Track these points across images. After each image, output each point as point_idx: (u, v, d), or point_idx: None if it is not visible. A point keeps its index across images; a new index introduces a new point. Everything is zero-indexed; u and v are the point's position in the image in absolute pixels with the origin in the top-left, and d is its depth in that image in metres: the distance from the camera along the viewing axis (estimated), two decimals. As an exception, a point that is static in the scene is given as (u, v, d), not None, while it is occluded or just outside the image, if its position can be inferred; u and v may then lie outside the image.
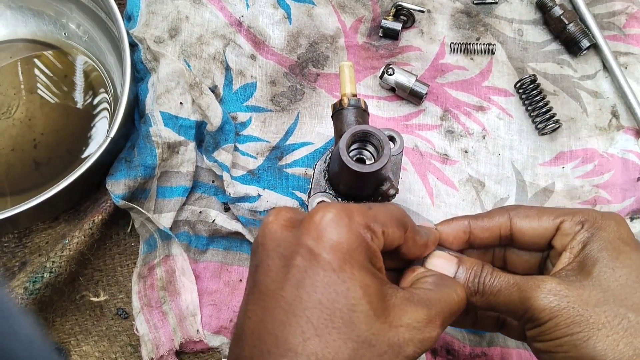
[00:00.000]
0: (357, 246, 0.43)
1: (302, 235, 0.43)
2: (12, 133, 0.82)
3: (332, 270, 0.42)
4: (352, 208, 0.45)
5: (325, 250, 0.42)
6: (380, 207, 0.47)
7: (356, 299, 0.41)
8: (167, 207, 0.77)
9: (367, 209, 0.46)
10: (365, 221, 0.44)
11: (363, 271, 0.43)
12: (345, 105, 0.66)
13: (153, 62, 0.80)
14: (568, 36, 0.86)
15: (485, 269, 0.50)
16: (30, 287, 0.69)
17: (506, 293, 0.49)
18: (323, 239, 0.42)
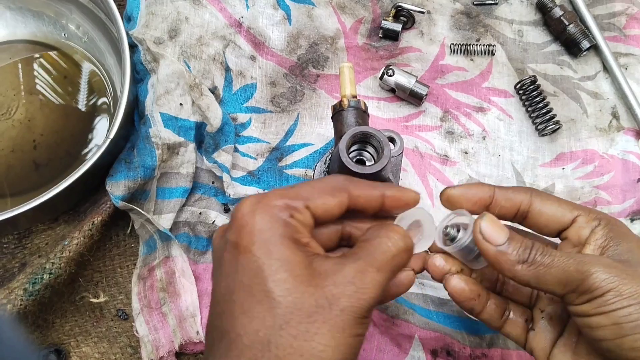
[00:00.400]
0: (272, 226, 0.45)
1: (228, 234, 0.47)
2: (11, 134, 0.81)
3: (250, 252, 0.44)
4: (269, 194, 0.47)
5: (244, 239, 0.45)
6: (304, 184, 0.49)
7: (273, 270, 0.43)
8: (167, 208, 0.77)
9: (286, 189, 0.48)
10: (282, 202, 0.46)
11: (281, 246, 0.44)
12: (345, 106, 0.66)
13: (153, 63, 0.80)
14: (568, 37, 0.86)
15: (536, 244, 0.50)
16: (29, 289, 0.69)
17: (561, 264, 0.48)
18: (242, 230, 0.45)
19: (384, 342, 0.72)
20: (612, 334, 0.46)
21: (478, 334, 0.73)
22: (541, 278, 0.49)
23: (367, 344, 0.72)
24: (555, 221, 0.54)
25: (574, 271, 0.47)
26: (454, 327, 0.73)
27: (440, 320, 0.74)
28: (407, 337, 0.72)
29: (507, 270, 0.49)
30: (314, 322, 0.42)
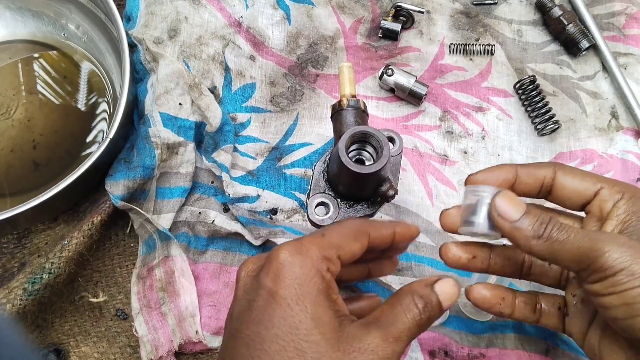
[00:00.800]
0: (310, 281, 0.47)
1: (262, 278, 0.47)
2: (11, 134, 0.81)
3: (288, 305, 0.46)
4: (306, 243, 0.48)
5: (282, 288, 0.46)
6: (333, 230, 0.51)
7: (308, 330, 0.45)
8: (167, 207, 0.77)
9: (320, 237, 0.50)
10: (319, 252, 0.48)
11: (317, 305, 0.46)
12: (345, 106, 0.66)
13: (152, 63, 0.80)
14: (567, 37, 0.86)
15: (553, 219, 0.50)
16: (29, 288, 0.69)
17: (575, 241, 0.48)
18: (279, 278, 0.46)
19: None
20: (624, 314, 0.46)
21: (476, 333, 0.73)
22: (556, 254, 0.49)
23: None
24: (579, 194, 0.54)
25: (588, 249, 0.47)
26: (452, 326, 0.73)
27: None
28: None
29: (522, 245, 0.50)
30: None
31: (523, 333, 0.72)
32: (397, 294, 0.51)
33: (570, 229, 0.49)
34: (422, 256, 0.77)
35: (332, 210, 0.64)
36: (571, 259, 0.48)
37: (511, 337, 0.72)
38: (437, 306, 0.50)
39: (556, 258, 0.49)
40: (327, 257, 0.48)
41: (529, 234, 0.50)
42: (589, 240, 0.48)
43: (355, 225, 0.52)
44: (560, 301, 0.57)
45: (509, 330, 0.73)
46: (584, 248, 0.47)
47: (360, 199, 0.65)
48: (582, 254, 0.47)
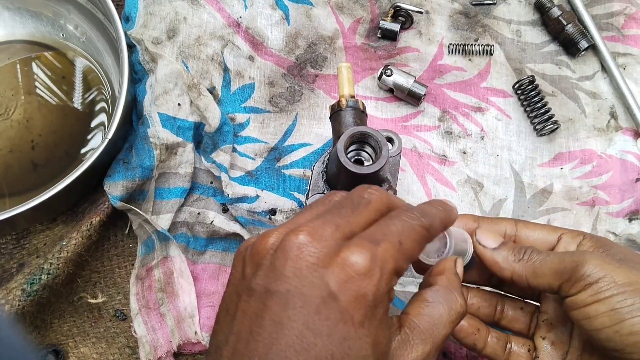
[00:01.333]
0: (381, 301, 0.42)
1: (330, 280, 0.40)
2: (10, 134, 0.81)
3: (352, 324, 0.40)
4: (385, 254, 0.42)
5: (350, 302, 0.40)
6: (407, 237, 0.44)
7: (366, 357, 0.40)
8: (165, 208, 0.77)
9: (398, 246, 0.43)
10: (394, 265, 0.42)
11: (379, 326, 0.42)
12: (344, 106, 0.66)
13: (151, 63, 0.80)
14: (566, 37, 0.86)
15: (530, 247, 0.53)
16: (28, 289, 0.69)
17: (555, 258, 0.50)
18: (350, 288, 0.40)
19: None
20: (610, 321, 0.46)
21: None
22: (538, 270, 0.51)
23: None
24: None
25: (569, 261, 0.49)
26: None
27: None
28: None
29: (505, 268, 0.52)
30: None
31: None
32: (434, 291, 0.48)
33: (546, 252, 0.52)
34: (421, 256, 0.77)
35: (331, 211, 0.64)
36: (553, 273, 0.50)
37: (510, 337, 0.72)
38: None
39: (537, 275, 0.51)
40: (399, 271, 0.43)
41: (510, 257, 0.52)
42: (569, 255, 0.50)
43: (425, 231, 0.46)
44: (529, 344, 0.57)
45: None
46: (565, 261, 0.49)
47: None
48: (563, 267, 0.49)
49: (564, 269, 0.49)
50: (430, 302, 0.47)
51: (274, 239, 0.43)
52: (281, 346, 0.39)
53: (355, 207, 0.45)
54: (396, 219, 0.45)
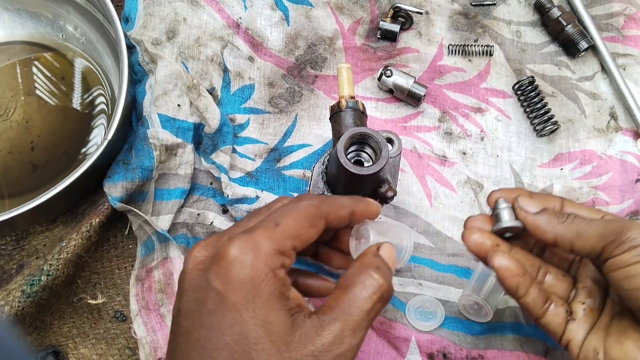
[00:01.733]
0: (261, 283, 0.44)
1: (211, 278, 0.45)
2: (9, 135, 0.81)
3: (237, 311, 0.44)
4: (258, 237, 0.46)
5: (231, 292, 0.44)
6: (287, 216, 0.48)
7: (257, 338, 0.43)
8: (165, 209, 0.77)
9: (274, 228, 0.46)
10: (273, 247, 0.46)
11: (267, 309, 0.44)
12: (343, 107, 0.66)
13: (150, 64, 0.79)
14: (566, 38, 0.86)
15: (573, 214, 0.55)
16: (27, 290, 0.69)
17: (600, 222, 0.53)
18: (229, 280, 0.44)
19: (381, 345, 0.72)
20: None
21: (475, 334, 0.73)
22: (582, 233, 0.52)
23: (365, 346, 0.72)
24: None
25: (615, 226, 0.51)
26: (451, 328, 0.73)
27: (439, 321, 0.74)
28: (404, 339, 0.72)
29: (547, 231, 0.54)
30: None
31: (522, 334, 0.72)
32: (348, 275, 0.48)
33: (590, 218, 0.54)
34: (421, 257, 0.77)
35: (331, 212, 0.64)
36: (597, 236, 0.52)
37: (510, 338, 0.72)
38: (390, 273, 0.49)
39: (581, 237, 0.52)
40: (282, 250, 0.46)
41: (553, 220, 0.54)
42: (614, 221, 0.52)
43: (312, 207, 0.49)
44: (568, 307, 0.58)
45: (507, 331, 0.73)
46: (610, 226, 0.51)
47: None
48: (608, 230, 0.51)
49: (610, 232, 0.51)
50: (341, 285, 0.48)
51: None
52: (183, 351, 0.45)
53: (257, 212, 0.51)
54: (281, 205, 0.50)
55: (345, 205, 0.52)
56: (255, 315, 0.44)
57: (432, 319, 0.73)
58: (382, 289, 0.47)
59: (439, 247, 0.78)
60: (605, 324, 0.55)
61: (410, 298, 0.74)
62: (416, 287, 0.75)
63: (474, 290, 0.71)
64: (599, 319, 0.56)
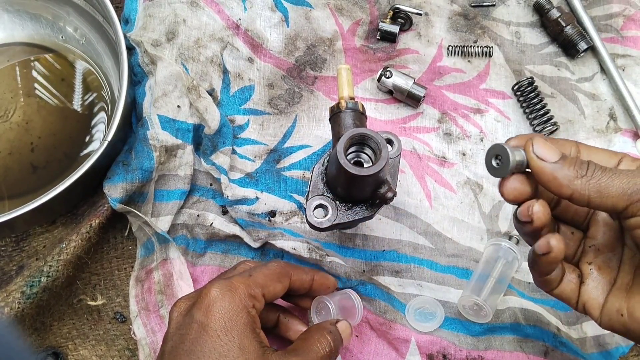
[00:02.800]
0: (238, 314, 0.54)
1: (195, 312, 0.55)
2: (9, 136, 0.81)
3: (217, 336, 0.53)
4: (235, 282, 0.56)
5: (212, 321, 0.53)
6: (259, 271, 0.59)
7: (235, 357, 0.52)
8: (165, 210, 0.77)
9: (247, 277, 0.58)
10: (246, 290, 0.56)
11: (243, 335, 0.54)
12: (343, 108, 0.66)
13: (150, 66, 0.80)
14: (565, 38, 0.86)
15: (593, 162, 0.48)
16: (27, 291, 0.69)
17: (624, 178, 0.47)
18: (210, 312, 0.54)
19: (381, 346, 0.72)
20: None
21: (474, 335, 0.73)
22: (604, 189, 0.47)
23: (365, 347, 0.72)
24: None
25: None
26: (451, 329, 0.73)
27: (438, 322, 0.74)
28: (404, 340, 0.72)
29: (565, 186, 0.48)
30: None
31: (522, 335, 0.72)
32: (308, 331, 0.61)
33: (613, 169, 0.48)
34: (421, 258, 0.77)
35: (331, 213, 0.64)
36: (620, 194, 0.47)
37: (510, 339, 0.72)
38: (340, 339, 0.61)
39: (602, 195, 0.47)
40: (253, 295, 0.56)
41: (571, 173, 0.48)
42: (637, 174, 0.47)
43: (279, 267, 0.61)
44: (577, 271, 0.55)
45: (507, 332, 0.73)
46: (634, 183, 0.46)
47: (358, 201, 0.65)
48: (633, 188, 0.46)
49: (635, 190, 0.46)
50: (301, 337, 0.60)
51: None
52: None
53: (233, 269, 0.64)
54: (256, 265, 0.63)
55: (308, 272, 0.64)
56: (232, 339, 0.53)
57: (431, 320, 0.73)
58: (330, 348, 0.59)
59: (439, 248, 0.78)
60: (626, 284, 0.52)
61: (410, 299, 0.74)
62: (416, 288, 0.75)
63: (474, 291, 0.71)
64: (619, 278, 0.53)
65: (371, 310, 0.74)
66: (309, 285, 0.64)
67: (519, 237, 0.77)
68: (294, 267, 0.63)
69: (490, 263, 0.73)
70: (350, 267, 0.74)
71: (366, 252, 0.77)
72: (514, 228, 0.79)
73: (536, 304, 0.73)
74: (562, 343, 0.71)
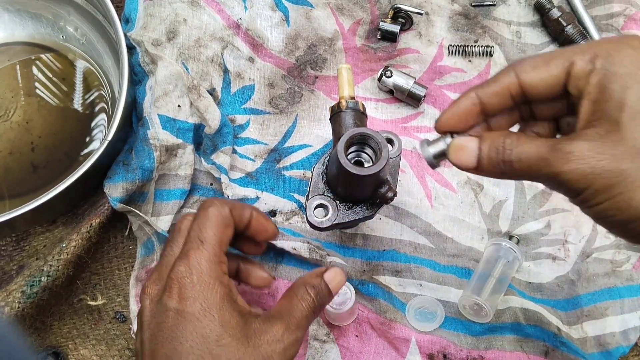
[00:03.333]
0: (212, 290, 0.52)
1: (167, 301, 0.52)
2: (9, 136, 0.81)
3: (197, 319, 0.50)
4: (195, 259, 0.53)
5: (188, 306, 0.51)
6: (206, 229, 0.54)
7: (219, 336, 0.50)
8: (165, 210, 0.76)
9: (202, 247, 0.53)
10: (210, 262, 0.53)
11: (222, 311, 0.51)
12: (344, 108, 0.66)
13: (151, 65, 0.79)
14: (566, 38, 0.86)
15: (508, 142, 0.47)
16: (27, 291, 0.69)
17: (535, 168, 0.45)
18: (183, 297, 0.51)
19: (382, 346, 0.72)
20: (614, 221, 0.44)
21: (475, 335, 0.73)
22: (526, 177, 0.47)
23: (365, 346, 0.72)
24: (552, 85, 0.47)
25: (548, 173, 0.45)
26: (451, 328, 0.73)
27: (439, 321, 0.74)
28: (404, 340, 0.72)
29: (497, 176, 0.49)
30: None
31: (522, 335, 0.72)
32: (291, 288, 0.57)
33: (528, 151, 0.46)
34: (421, 258, 0.77)
35: (331, 212, 0.64)
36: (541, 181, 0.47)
37: (510, 338, 0.72)
38: (327, 292, 0.57)
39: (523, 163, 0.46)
40: (217, 261, 0.53)
41: (494, 169, 0.48)
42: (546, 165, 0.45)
43: (218, 211, 0.56)
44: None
45: (507, 332, 0.73)
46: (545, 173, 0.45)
47: (359, 201, 0.65)
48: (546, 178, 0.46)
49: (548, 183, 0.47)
50: (284, 296, 0.57)
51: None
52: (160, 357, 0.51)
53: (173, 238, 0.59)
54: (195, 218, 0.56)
55: (246, 207, 0.59)
56: (213, 318, 0.51)
57: (432, 320, 0.73)
58: (314, 304, 0.56)
59: (439, 248, 0.78)
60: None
61: (410, 298, 0.74)
62: (416, 287, 0.75)
63: (474, 291, 0.71)
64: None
65: (372, 309, 0.74)
66: (248, 221, 0.59)
67: (519, 237, 0.77)
68: (230, 204, 0.57)
69: (491, 263, 0.73)
70: (351, 267, 0.74)
71: (367, 251, 0.77)
72: (514, 228, 0.79)
73: (537, 304, 0.73)
74: (562, 343, 0.71)
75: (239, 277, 0.64)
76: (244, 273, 0.64)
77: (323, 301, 0.57)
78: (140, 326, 0.54)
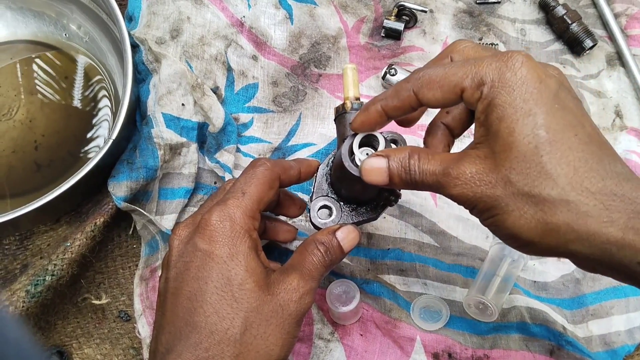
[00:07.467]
0: (241, 239, 0.54)
1: (198, 242, 0.55)
2: (12, 135, 0.81)
3: (224, 262, 0.53)
4: (232, 208, 0.55)
5: (217, 249, 0.54)
6: (251, 184, 0.57)
7: (243, 280, 0.53)
8: (169, 208, 0.76)
9: (242, 198, 0.56)
10: (243, 213, 0.55)
11: (248, 258, 0.54)
12: (348, 109, 0.65)
13: (154, 63, 0.79)
14: (571, 36, 0.85)
15: (412, 163, 0.52)
16: (32, 290, 0.69)
17: (435, 189, 0.51)
18: (213, 240, 0.54)
19: (386, 344, 0.72)
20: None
21: (480, 334, 0.73)
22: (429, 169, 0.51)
23: (370, 345, 0.72)
24: (449, 103, 0.51)
25: (443, 192, 0.50)
26: (456, 327, 0.73)
27: (444, 321, 0.74)
28: (409, 339, 0.72)
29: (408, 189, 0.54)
30: (269, 325, 0.53)
31: (527, 334, 0.72)
32: (303, 244, 0.59)
33: (426, 170, 0.51)
34: (426, 257, 0.77)
35: (335, 214, 0.64)
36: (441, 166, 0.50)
37: (515, 337, 0.72)
38: (338, 249, 0.58)
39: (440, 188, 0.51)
40: (251, 215, 0.56)
41: (407, 186, 0.53)
42: (439, 186, 0.50)
43: (268, 171, 0.59)
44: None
45: (513, 331, 0.73)
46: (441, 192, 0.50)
47: (363, 202, 0.65)
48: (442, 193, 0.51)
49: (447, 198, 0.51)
50: (297, 251, 0.59)
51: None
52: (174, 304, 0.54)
53: (223, 187, 0.63)
54: (243, 174, 0.59)
55: (293, 166, 0.62)
56: (239, 263, 0.53)
57: (437, 319, 0.73)
58: (324, 259, 0.57)
59: (444, 247, 0.78)
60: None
61: (415, 297, 0.74)
62: (421, 286, 0.75)
63: (480, 290, 0.71)
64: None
65: (376, 308, 0.74)
66: (297, 179, 0.63)
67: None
68: (280, 166, 0.61)
69: (496, 262, 0.73)
70: (355, 266, 0.74)
71: (371, 250, 0.77)
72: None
73: (542, 303, 0.73)
74: (568, 342, 0.71)
75: (266, 235, 0.68)
76: (271, 230, 0.68)
77: (333, 257, 0.58)
78: (167, 265, 0.57)
